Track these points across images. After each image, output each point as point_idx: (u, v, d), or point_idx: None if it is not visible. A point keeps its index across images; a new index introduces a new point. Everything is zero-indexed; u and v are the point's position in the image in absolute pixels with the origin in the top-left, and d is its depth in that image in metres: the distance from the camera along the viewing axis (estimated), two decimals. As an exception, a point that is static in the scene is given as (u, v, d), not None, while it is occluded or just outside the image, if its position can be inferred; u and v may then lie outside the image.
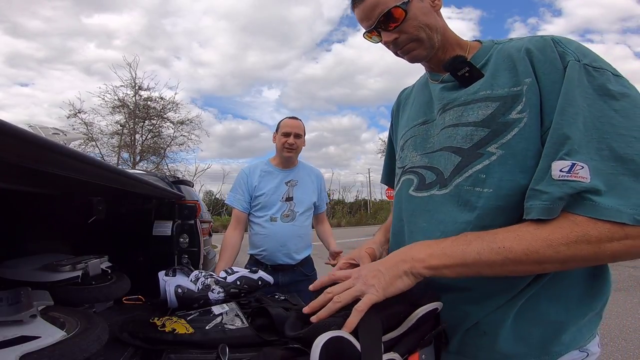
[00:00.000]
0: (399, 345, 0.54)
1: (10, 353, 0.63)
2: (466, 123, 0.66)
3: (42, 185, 0.95)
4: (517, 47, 0.64)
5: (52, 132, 1.84)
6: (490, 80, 0.65)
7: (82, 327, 0.80)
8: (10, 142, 0.43)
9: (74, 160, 0.59)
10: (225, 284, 1.10)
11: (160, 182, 1.62)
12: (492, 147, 0.61)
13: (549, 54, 0.59)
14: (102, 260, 1.29)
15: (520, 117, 0.60)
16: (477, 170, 0.62)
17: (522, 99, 0.60)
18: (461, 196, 0.64)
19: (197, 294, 1.07)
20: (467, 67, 0.68)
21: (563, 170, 0.52)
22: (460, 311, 0.63)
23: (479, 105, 0.65)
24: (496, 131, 0.61)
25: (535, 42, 0.62)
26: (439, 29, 0.71)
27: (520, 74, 0.62)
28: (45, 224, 1.39)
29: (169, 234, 1.50)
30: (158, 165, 14.60)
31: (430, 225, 0.68)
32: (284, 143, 1.76)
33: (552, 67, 0.58)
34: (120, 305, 1.26)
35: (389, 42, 0.72)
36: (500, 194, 0.60)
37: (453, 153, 0.66)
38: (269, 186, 1.79)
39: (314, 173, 1.93)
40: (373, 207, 27.51)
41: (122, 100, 13.86)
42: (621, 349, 2.70)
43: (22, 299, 0.84)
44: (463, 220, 0.63)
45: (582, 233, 0.50)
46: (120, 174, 0.85)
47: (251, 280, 1.15)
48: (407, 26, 0.69)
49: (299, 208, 1.80)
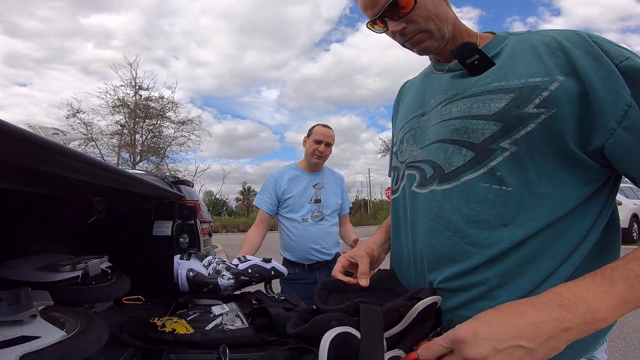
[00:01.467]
0: (402, 342, 0.54)
1: (10, 353, 0.63)
2: (476, 116, 0.62)
3: (42, 185, 0.95)
4: (543, 39, 0.60)
5: (52, 132, 1.84)
6: (506, 71, 0.62)
7: (82, 327, 0.80)
8: (10, 142, 0.43)
9: (74, 160, 0.59)
10: (236, 271, 1.11)
11: (160, 182, 1.62)
12: (505, 143, 0.58)
13: (590, 49, 0.55)
14: (102, 260, 1.29)
15: (537, 113, 0.56)
16: (491, 168, 0.59)
17: (541, 92, 0.56)
18: (475, 193, 0.61)
19: (207, 278, 1.08)
20: (477, 55, 0.64)
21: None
22: (461, 318, 0.59)
23: (491, 98, 0.61)
24: (509, 126, 0.58)
25: (566, 35, 0.58)
26: (449, 20, 0.68)
27: (545, 66, 0.57)
28: (45, 224, 1.39)
29: (169, 234, 1.50)
30: (158, 165, 14.59)
31: (438, 225, 0.65)
32: (315, 150, 1.88)
33: (597, 62, 0.54)
34: (120, 305, 1.26)
35: (396, 32, 0.67)
36: (520, 193, 0.58)
37: (463, 147, 0.63)
38: (298, 189, 1.90)
39: (337, 177, 2.06)
40: (373, 207, 27.51)
41: (122, 100, 13.86)
42: (621, 349, 2.70)
43: (22, 299, 0.84)
44: (479, 218, 0.60)
45: None
46: (120, 174, 0.84)
47: (263, 269, 1.15)
48: (415, 15, 0.65)
49: (327, 210, 1.92)
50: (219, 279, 1.08)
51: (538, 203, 0.57)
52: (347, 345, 0.49)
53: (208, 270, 1.11)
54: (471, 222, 0.61)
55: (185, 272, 1.10)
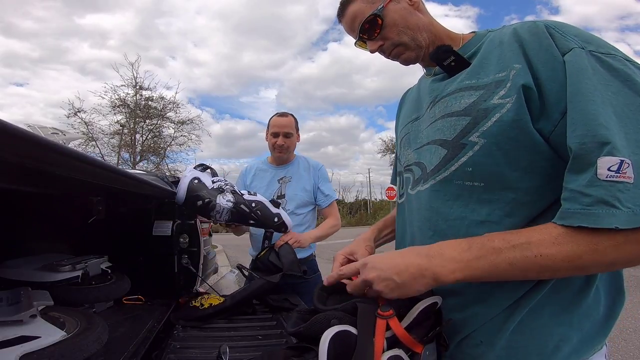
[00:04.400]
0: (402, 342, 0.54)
1: (10, 353, 0.63)
2: (450, 113, 0.63)
3: (42, 185, 0.95)
4: (508, 32, 0.60)
5: (51, 131, 1.84)
6: (478, 69, 0.62)
7: (82, 327, 0.80)
8: (10, 141, 0.43)
9: (74, 160, 0.59)
10: (239, 198, 1.09)
11: (160, 182, 1.62)
12: (474, 136, 0.58)
13: (543, 40, 0.54)
14: (102, 260, 1.29)
15: (501, 103, 0.55)
16: (463, 163, 0.59)
17: (505, 84, 0.56)
18: (450, 191, 0.61)
19: (208, 190, 1.09)
20: (452, 57, 0.65)
21: (612, 169, 0.45)
22: (455, 319, 0.60)
23: (462, 94, 0.62)
24: (476, 118, 0.58)
25: (526, 27, 0.58)
26: (422, 27, 0.70)
27: (507, 59, 0.57)
28: (45, 224, 1.39)
29: (169, 234, 1.49)
30: (158, 165, 14.59)
31: (423, 224, 0.65)
32: (274, 144, 1.72)
33: (547, 54, 0.53)
34: (120, 305, 1.26)
35: (374, 50, 0.72)
36: (492, 188, 0.57)
37: (440, 146, 0.64)
38: (261, 184, 1.75)
39: (313, 166, 1.81)
40: (373, 207, 27.51)
41: (123, 99, 13.86)
42: (621, 349, 2.70)
43: (22, 299, 0.84)
44: (455, 216, 0.60)
45: (629, 237, 0.45)
46: (121, 174, 0.84)
47: (266, 210, 1.13)
48: (387, 32, 0.69)
49: (290, 206, 1.70)
50: (218, 197, 1.05)
51: (514, 198, 0.56)
52: (346, 343, 0.50)
53: (213, 185, 1.08)
54: (449, 221, 0.61)
55: (190, 178, 1.06)
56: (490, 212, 0.57)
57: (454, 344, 0.61)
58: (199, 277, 1.58)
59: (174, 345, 0.96)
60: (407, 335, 0.53)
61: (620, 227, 0.44)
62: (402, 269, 0.53)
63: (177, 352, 0.92)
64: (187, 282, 1.54)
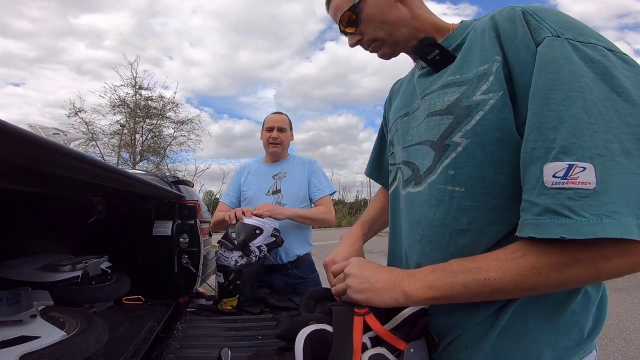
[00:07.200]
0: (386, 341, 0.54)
1: (10, 353, 0.63)
2: (434, 112, 0.59)
3: (42, 185, 0.95)
4: (488, 21, 0.55)
5: (53, 132, 1.84)
6: (461, 63, 0.58)
7: (82, 327, 0.80)
8: (11, 141, 0.43)
9: (74, 160, 0.59)
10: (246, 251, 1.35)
11: (160, 182, 1.62)
12: (457, 136, 0.54)
13: (518, 29, 0.50)
14: (102, 260, 1.29)
15: (484, 99, 0.51)
16: (446, 166, 0.55)
17: (488, 78, 0.51)
18: (434, 196, 0.58)
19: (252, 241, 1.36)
20: (436, 50, 0.61)
21: (557, 175, 0.42)
22: (442, 322, 0.59)
23: (445, 92, 0.58)
24: (459, 117, 0.54)
25: (504, 14, 0.53)
26: (401, 22, 0.66)
27: (488, 50, 0.53)
28: (45, 224, 1.39)
29: (169, 234, 1.50)
30: (158, 165, 14.59)
31: (411, 227, 0.64)
32: (268, 138, 1.76)
33: (521, 44, 0.49)
34: (120, 305, 1.26)
35: (353, 45, 0.70)
36: (473, 194, 0.53)
37: (429, 147, 0.60)
38: (255, 182, 1.77)
39: (307, 162, 1.82)
40: (373, 207, 27.47)
41: (122, 99, 13.86)
42: (621, 349, 2.70)
43: (22, 299, 0.84)
44: (439, 222, 0.57)
45: (573, 258, 0.42)
46: (121, 174, 0.85)
47: (248, 232, 1.36)
48: (364, 27, 0.67)
49: (287, 200, 1.68)
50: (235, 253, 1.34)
51: (497, 205, 0.51)
52: (323, 341, 0.51)
53: (254, 242, 1.37)
54: (433, 227, 0.58)
55: (270, 229, 1.41)
56: (472, 220, 0.53)
57: (442, 348, 0.60)
58: (199, 277, 1.58)
59: (174, 345, 0.96)
60: (386, 332, 0.53)
61: (568, 237, 0.40)
62: (379, 278, 0.57)
63: (177, 352, 0.92)
64: (187, 282, 1.54)
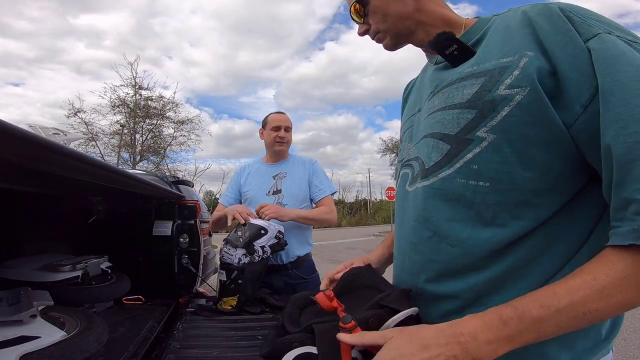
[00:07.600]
0: None
1: (10, 353, 0.63)
2: (452, 105, 0.58)
3: (42, 185, 0.95)
4: (515, 16, 0.55)
5: (53, 132, 1.84)
6: (481, 55, 0.57)
7: (82, 327, 0.80)
8: (11, 141, 0.43)
9: (74, 160, 0.59)
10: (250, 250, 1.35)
11: (160, 182, 1.62)
12: (482, 132, 0.53)
13: (560, 24, 0.49)
14: (102, 260, 1.29)
15: (510, 94, 0.50)
16: (468, 160, 0.54)
17: (512, 71, 0.51)
18: (453, 191, 0.56)
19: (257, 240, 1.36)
20: (454, 45, 0.61)
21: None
22: None
23: (464, 84, 0.57)
24: (483, 112, 0.53)
25: (538, 10, 0.52)
26: (405, 15, 0.66)
27: (516, 44, 0.52)
28: (45, 224, 1.39)
29: (169, 234, 1.50)
30: (158, 165, 14.58)
31: (419, 225, 0.61)
32: (275, 137, 1.75)
33: (566, 39, 0.48)
34: (120, 305, 1.26)
35: (361, 34, 0.72)
36: (499, 189, 0.52)
37: (441, 140, 0.59)
38: (255, 182, 1.77)
39: (308, 162, 1.82)
40: (373, 207, 27.52)
41: (122, 99, 13.85)
42: (621, 349, 2.70)
43: (22, 299, 0.84)
44: (459, 217, 0.55)
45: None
46: (120, 174, 0.85)
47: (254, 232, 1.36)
48: (371, 18, 0.69)
49: (287, 200, 1.68)
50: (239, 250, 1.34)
51: (523, 201, 0.51)
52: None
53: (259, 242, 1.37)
54: (451, 222, 0.56)
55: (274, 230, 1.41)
56: (496, 214, 0.53)
57: None
58: (199, 277, 1.58)
59: (174, 345, 0.96)
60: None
61: None
62: (422, 346, 0.46)
63: (177, 352, 0.92)
64: (187, 282, 1.54)
